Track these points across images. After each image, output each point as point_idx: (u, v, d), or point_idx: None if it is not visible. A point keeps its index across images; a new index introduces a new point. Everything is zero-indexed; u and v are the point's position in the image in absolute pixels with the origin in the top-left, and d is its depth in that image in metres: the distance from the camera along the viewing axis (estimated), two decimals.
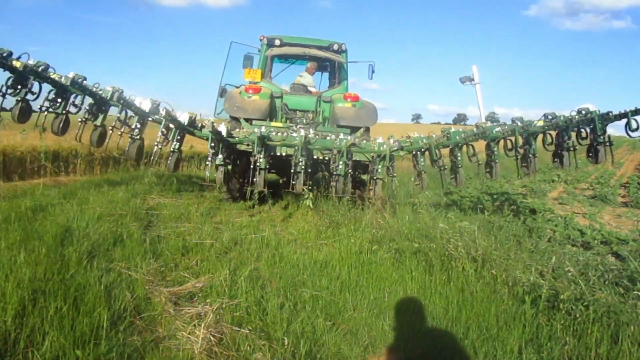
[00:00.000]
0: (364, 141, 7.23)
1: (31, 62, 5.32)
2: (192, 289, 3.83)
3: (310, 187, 6.98)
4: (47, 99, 5.55)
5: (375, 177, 6.91)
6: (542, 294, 3.61)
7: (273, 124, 7.69)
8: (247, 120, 7.73)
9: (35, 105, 5.54)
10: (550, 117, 6.42)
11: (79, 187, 8.17)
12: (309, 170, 6.86)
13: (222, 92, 9.12)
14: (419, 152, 6.81)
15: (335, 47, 8.83)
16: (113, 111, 6.04)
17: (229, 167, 7.19)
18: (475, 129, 6.71)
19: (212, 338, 2.98)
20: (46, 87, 5.53)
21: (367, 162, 7.34)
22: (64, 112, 5.66)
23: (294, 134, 6.96)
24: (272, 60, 9.08)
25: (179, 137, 6.36)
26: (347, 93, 8.48)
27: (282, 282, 4.07)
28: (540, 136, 6.47)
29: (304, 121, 8.20)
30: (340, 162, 6.63)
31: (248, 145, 6.77)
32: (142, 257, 4.34)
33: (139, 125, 6.07)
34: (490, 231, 5.31)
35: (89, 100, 5.83)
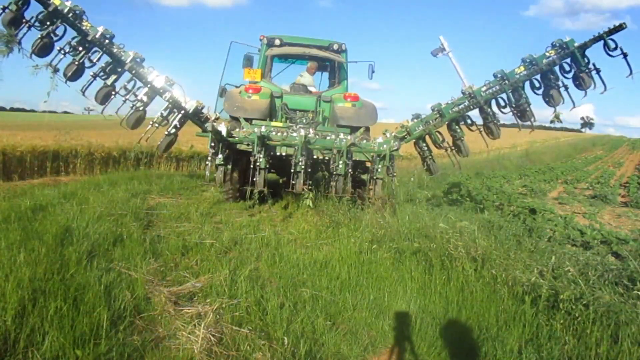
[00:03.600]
0: (364, 141, 7.24)
1: (69, 3, 5.37)
2: (192, 288, 3.83)
3: (310, 187, 6.98)
4: (69, 42, 5.59)
5: (375, 177, 6.91)
6: (542, 294, 3.61)
7: (273, 123, 7.68)
8: (247, 120, 7.73)
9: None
10: (528, 60, 6.53)
11: (79, 187, 8.17)
12: (309, 170, 6.86)
13: (222, 92, 9.12)
14: (420, 140, 6.90)
15: (335, 47, 8.83)
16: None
17: (229, 166, 7.19)
18: (463, 96, 6.84)
19: (212, 338, 2.98)
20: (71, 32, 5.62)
21: (367, 162, 7.35)
22: (80, 61, 5.68)
23: (294, 134, 6.96)
24: (272, 60, 9.07)
25: (178, 123, 6.36)
26: (347, 93, 8.47)
27: (282, 281, 4.07)
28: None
29: (304, 121, 8.19)
30: (340, 162, 6.63)
31: (248, 145, 6.77)
32: (142, 257, 4.34)
33: (145, 98, 6.07)
34: (490, 231, 5.31)
35: (107, 58, 5.87)
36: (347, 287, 4.05)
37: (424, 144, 7.09)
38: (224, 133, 6.54)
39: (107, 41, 5.71)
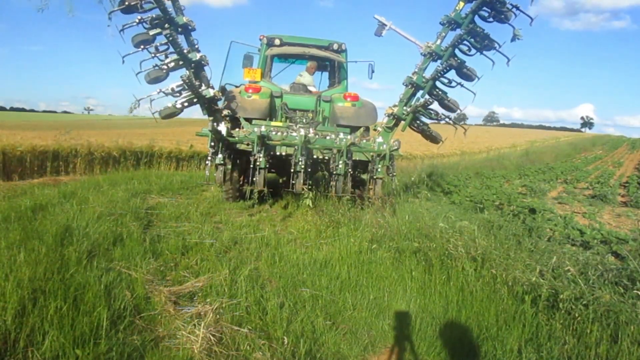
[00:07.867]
0: (364, 141, 7.24)
1: None
2: (192, 288, 3.83)
3: (310, 187, 6.98)
4: None
5: (375, 177, 6.92)
6: (541, 294, 3.61)
7: (273, 123, 7.69)
8: (247, 119, 7.73)
9: None
10: None
11: (79, 186, 8.17)
12: (309, 169, 6.87)
13: (222, 92, 9.11)
14: (413, 121, 7.06)
15: (335, 46, 8.83)
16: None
17: (229, 166, 7.19)
18: (425, 58, 7.05)
19: (211, 337, 2.98)
20: None
21: (367, 162, 7.36)
22: (133, 3, 5.85)
23: (294, 134, 6.97)
24: (272, 60, 9.07)
25: (187, 101, 6.41)
26: (346, 92, 8.47)
27: (282, 281, 4.07)
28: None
29: (304, 121, 8.19)
30: (340, 162, 6.64)
31: (248, 144, 6.77)
32: (141, 257, 4.34)
33: (172, 64, 6.19)
34: (490, 231, 5.31)
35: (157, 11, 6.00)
36: (347, 286, 4.05)
37: (418, 122, 7.26)
38: (223, 133, 6.54)
39: None
